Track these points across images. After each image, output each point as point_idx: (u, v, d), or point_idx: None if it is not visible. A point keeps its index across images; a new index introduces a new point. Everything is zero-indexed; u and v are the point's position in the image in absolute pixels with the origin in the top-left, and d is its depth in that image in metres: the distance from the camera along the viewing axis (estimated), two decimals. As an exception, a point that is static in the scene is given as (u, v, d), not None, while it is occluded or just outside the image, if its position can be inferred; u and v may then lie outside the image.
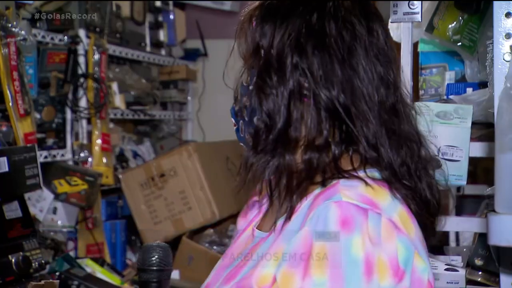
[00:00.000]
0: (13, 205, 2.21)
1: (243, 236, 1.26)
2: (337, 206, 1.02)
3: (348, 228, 1.00)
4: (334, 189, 1.06)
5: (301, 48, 1.08)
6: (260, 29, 1.13)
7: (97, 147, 2.98)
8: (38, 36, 2.67)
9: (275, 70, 1.09)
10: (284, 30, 1.09)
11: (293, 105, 1.08)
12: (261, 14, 1.14)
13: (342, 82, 1.08)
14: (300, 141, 1.10)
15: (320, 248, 1.01)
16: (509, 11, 1.11)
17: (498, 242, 1.04)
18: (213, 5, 4.14)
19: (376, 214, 1.02)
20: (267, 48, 1.11)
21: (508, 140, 1.00)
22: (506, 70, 1.10)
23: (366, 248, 1.00)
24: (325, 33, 1.08)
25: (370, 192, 1.05)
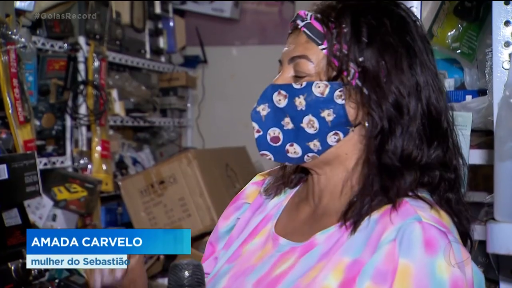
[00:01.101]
0: (12, 212, 2.21)
1: (255, 242, 1.22)
2: (421, 226, 1.03)
3: (432, 250, 1.01)
4: (407, 208, 1.06)
5: (413, 70, 1.10)
6: (357, 45, 1.10)
7: (97, 154, 2.98)
8: (38, 44, 2.68)
9: (390, 90, 1.09)
10: (392, 53, 1.10)
11: (410, 123, 1.09)
12: (355, 27, 1.11)
13: (442, 107, 1.12)
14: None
15: (405, 266, 1.01)
16: (508, 20, 1.11)
17: (497, 250, 1.04)
18: (213, 12, 4.15)
19: (454, 238, 1.05)
20: (371, 68, 1.09)
21: (508, 149, 1.00)
22: (505, 78, 1.10)
23: (452, 272, 1.00)
24: (423, 56, 1.12)
25: (437, 215, 1.07)
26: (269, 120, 1.14)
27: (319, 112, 1.10)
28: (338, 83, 1.10)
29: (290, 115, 1.12)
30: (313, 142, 1.12)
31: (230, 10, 4.12)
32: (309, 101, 1.10)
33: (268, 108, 1.14)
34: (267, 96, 1.14)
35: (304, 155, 1.14)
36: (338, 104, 1.10)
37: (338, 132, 1.11)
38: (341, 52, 1.10)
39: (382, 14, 1.12)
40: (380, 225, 1.06)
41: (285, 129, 1.13)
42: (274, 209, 1.24)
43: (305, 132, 1.12)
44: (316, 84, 1.10)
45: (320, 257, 1.09)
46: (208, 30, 4.18)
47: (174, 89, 3.88)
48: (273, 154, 1.15)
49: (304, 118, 1.11)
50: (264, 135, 1.15)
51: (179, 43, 4.04)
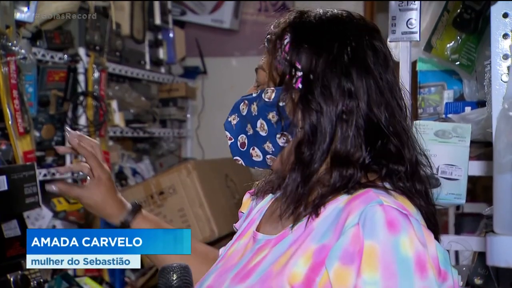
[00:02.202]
0: (12, 224, 2.20)
1: (240, 243, 1.30)
2: (382, 209, 1.08)
3: (395, 229, 1.06)
4: (370, 195, 1.12)
5: (347, 73, 1.15)
6: (296, 50, 1.18)
7: (96, 165, 2.97)
8: (38, 55, 2.68)
9: (320, 91, 1.15)
10: (326, 55, 1.16)
11: (339, 123, 1.15)
12: (295, 35, 1.19)
13: (384, 104, 1.17)
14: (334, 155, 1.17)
15: (370, 247, 1.06)
16: (507, 33, 1.12)
17: (497, 263, 1.04)
18: (213, 23, 4.17)
19: (415, 219, 1.10)
20: (306, 69, 1.16)
21: (507, 161, 1.00)
22: (504, 91, 1.10)
23: (415, 248, 1.05)
24: (366, 60, 1.17)
25: (399, 200, 1.13)
26: (237, 128, 1.25)
27: (266, 115, 1.20)
28: (283, 87, 1.18)
29: (249, 121, 1.23)
30: (266, 144, 1.21)
31: (230, 21, 4.13)
32: (260, 106, 1.20)
33: (237, 117, 1.25)
34: (236, 106, 1.25)
35: (265, 158, 1.22)
36: (280, 106, 1.18)
37: (285, 133, 1.18)
38: (283, 58, 1.18)
39: (327, 21, 1.19)
40: (345, 212, 1.12)
41: (248, 135, 1.24)
42: (257, 214, 1.33)
43: (260, 135, 1.21)
44: (266, 90, 1.20)
45: (290, 244, 1.15)
46: (207, 41, 4.19)
47: (173, 100, 3.89)
48: (243, 159, 1.26)
49: (257, 122, 1.21)
50: (235, 142, 1.26)
51: (179, 54, 4.05)
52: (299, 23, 1.20)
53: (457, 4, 1.87)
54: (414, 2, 1.73)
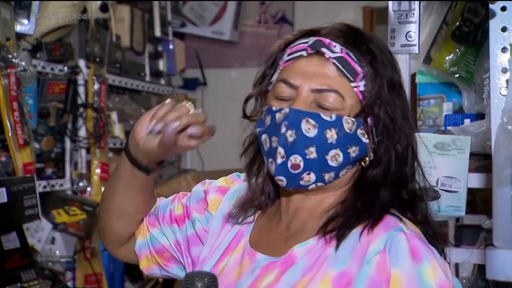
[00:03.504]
0: (11, 236, 2.21)
1: (232, 259, 1.23)
2: (406, 237, 1.07)
3: (418, 258, 1.05)
4: (388, 221, 1.11)
5: (405, 105, 1.18)
6: (377, 84, 1.14)
7: (96, 177, 2.98)
8: (38, 67, 2.69)
9: (399, 128, 1.15)
10: (396, 90, 1.16)
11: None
12: (376, 67, 1.15)
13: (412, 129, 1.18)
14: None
15: (396, 276, 1.05)
16: (505, 46, 1.12)
17: (496, 276, 1.04)
18: (212, 35, 4.18)
19: (434, 248, 1.09)
20: (388, 106, 1.14)
21: (506, 175, 1.00)
22: (503, 105, 1.10)
23: (438, 277, 1.05)
24: (401, 86, 1.18)
25: (414, 228, 1.12)
26: (294, 147, 1.12)
27: (347, 148, 1.12)
28: (361, 121, 1.13)
29: (316, 145, 1.12)
30: (329, 174, 1.14)
31: (230, 33, 4.15)
32: (340, 135, 1.12)
33: (295, 135, 1.12)
34: (294, 122, 1.12)
35: (313, 184, 1.15)
36: (363, 142, 1.13)
37: (351, 166, 1.15)
38: (370, 93, 1.13)
39: (385, 52, 1.18)
40: (364, 238, 1.09)
41: (307, 158, 1.12)
42: (244, 226, 1.25)
43: (327, 164, 1.13)
44: (346, 120, 1.12)
45: (304, 272, 1.11)
46: (207, 52, 4.21)
47: (173, 111, 3.88)
48: (287, 180, 1.14)
49: (331, 151, 1.12)
50: (286, 161, 1.13)
51: (178, 66, 4.06)
52: (372, 50, 1.15)
53: (456, 16, 1.88)
54: (413, 14, 1.74)
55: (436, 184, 1.69)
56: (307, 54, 1.14)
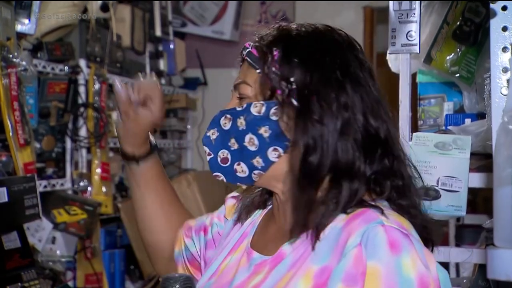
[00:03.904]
0: (12, 236, 2.21)
1: (233, 258, 1.28)
2: (384, 229, 1.08)
3: (397, 250, 1.06)
4: (369, 214, 1.11)
5: (342, 86, 1.16)
6: (287, 65, 1.17)
7: (97, 176, 2.98)
8: (38, 66, 2.69)
9: (319, 106, 1.15)
10: (320, 69, 1.17)
11: (339, 137, 1.15)
12: (286, 50, 1.18)
13: (379, 115, 1.18)
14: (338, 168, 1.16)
15: (373, 269, 1.05)
16: (506, 46, 1.12)
17: (497, 276, 1.03)
18: (213, 34, 4.18)
19: (416, 239, 1.10)
20: (301, 84, 1.16)
21: (506, 175, 1.00)
22: (504, 104, 1.10)
23: (418, 269, 1.05)
24: (356, 73, 1.19)
25: (398, 219, 1.12)
26: (218, 143, 1.22)
27: (256, 129, 1.18)
28: (274, 101, 1.17)
29: (234, 136, 1.20)
30: (255, 159, 1.19)
31: (230, 32, 4.15)
32: (248, 120, 1.18)
33: (217, 132, 1.22)
34: (215, 121, 1.23)
35: (251, 173, 1.20)
36: (273, 120, 1.17)
37: (277, 147, 1.17)
38: (274, 73, 1.17)
39: (314, 36, 1.21)
40: (345, 232, 1.11)
41: (232, 150, 1.21)
42: (250, 227, 1.31)
43: (248, 150, 1.19)
44: (254, 104, 1.18)
45: (289, 267, 1.15)
46: (208, 52, 4.21)
47: (174, 111, 3.89)
48: (224, 175, 1.23)
49: (245, 136, 1.19)
50: (215, 157, 1.22)
51: (179, 65, 4.06)
52: (287, 37, 1.20)
53: (457, 16, 1.88)
54: (414, 14, 1.74)
55: (436, 183, 1.69)
56: (241, 62, 1.26)
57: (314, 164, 1.14)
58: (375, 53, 4.15)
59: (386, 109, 1.20)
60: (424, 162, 1.71)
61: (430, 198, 1.69)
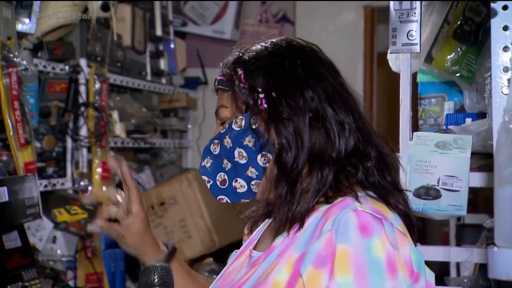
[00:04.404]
0: (12, 235, 2.21)
1: (237, 262, 1.35)
2: (355, 214, 1.13)
3: (367, 233, 1.11)
4: (346, 202, 1.17)
5: (305, 82, 1.24)
6: (251, 77, 1.25)
7: (97, 176, 2.98)
8: (39, 66, 2.69)
9: (286, 104, 1.22)
10: (281, 72, 1.25)
11: (310, 129, 1.22)
12: (247, 66, 1.27)
13: (344, 104, 1.25)
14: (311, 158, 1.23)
15: (343, 251, 1.10)
16: (507, 45, 1.12)
17: (498, 276, 1.04)
18: (213, 34, 4.18)
19: (389, 223, 1.15)
20: (267, 90, 1.24)
21: (507, 174, 1.00)
22: (504, 103, 1.10)
23: (386, 250, 1.10)
24: (317, 68, 1.27)
25: (374, 205, 1.18)
26: (213, 169, 1.29)
27: (242, 142, 1.25)
28: (249, 113, 1.25)
29: (225, 156, 1.27)
30: (249, 170, 1.26)
31: (231, 32, 4.14)
32: (233, 137, 1.26)
33: (210, 159, 1.30)
34: (207, 150, 1.30)
35: (250, 186, 1.27)
36: (254, 129, 1.24)
37: (265, 153, 1.24)
38: (242, 88, 1.25)
39: (270, 47, 1.29)
40: (323, 220, 1.17)
41: (226, 170, 1.28)
42: (256, 234, 1.39)
43: (240, 164, 1.26)
44: (234, 121, 1.26)
45: (276, 257, 1.21)
46: (208, 51, 4.20)
47: (174, 110, 3.89)
48: (227, 196, 1.29)
49: (234, 152, 1.26)
50: (214, 182, 1.30)
51: (179, 65, 4.06)
52: (246, 55, 1.29)
53: (458, 16, 1.88)
54: (414, 13, 1.74)
55: (437, 183, 1.70)
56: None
57: (289, 161, 1.21)
58: (376, 52, 4.15)
59: (354, 98, 1.28)
60: (425, 162, 1.71)
61: (430, 197, 1.70)
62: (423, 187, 1.70)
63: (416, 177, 1.71)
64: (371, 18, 4.12)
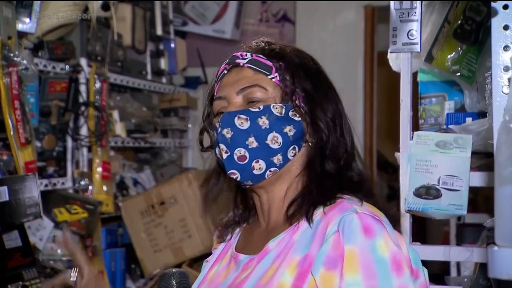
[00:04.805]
0: (13, 234, 2.21)
1: (219, 266, 1.38)
2: (358, 216, 1.19)
3: (371, 234, 1.17)
4: (344, 205, 1.24)
5: (332, 97, 1.35)
6: (294, 75, 1.32)
7: (98, 175, 2.98)
8: (39, 65, 2.69)
9: (320, 108, 1.32)
10: (312, 78, 1.34)
11: (340, 136, 1.33)
12: (289, 63, 1.33)
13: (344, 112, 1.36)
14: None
15: (350, 251, 1.16)
16: (507, 45, 1.12)
17: (498, 275, 1.04)
18: (214, 33, 4.18)
19: (387, 222, 1.23)
20: (308, 90, 1.32)
21: (507, 174, 1.00)
22: (505, 103, 1.10)
23: (390, 249, 1.17)
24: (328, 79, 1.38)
25: (369, 207, 1.25)
26: (234, 141, 1.28)
27: (282, 128, 1.28)
28: (290, 104, 1.30)
29: (254, 134, 1.27)
30: (276, 157, 1.28)
31: (231, 31, 4.14)
32: (271, 120, 1.28)
33: (231, 131, 1.28)
34: (227, 121, 1.28)
35: (267, 171, 1.28)
36: (296, 120, 1.29)
37: (296, 146, 1.29)
38: (288, 81, 1.30)
39: (298, 52, 1.38)
40: (323, 223, 1.22)
41: (250, 148, 1.27)
42: (233, 238, 1.42)
43: (270, 148, 1.27)
44: (273, 106, 1.29)
45: (274, 259, 1.24)
46: (209, 51, 4.20)
47: (175, 110, 3.89)
48: (240, 172, 1.29)
49: (269, 135, 1.27)
50: (231, 155, 1.28)
51: (180, 64, 4.06)
52: (284, 51, 1.35)
53: (458, 15, 1.88)
54: (415, 13, 1.74)
55: (437, 182, 1.70)
56: (227, 71, 1.35)
57: (317, 160, 1.29)
58: (376, 52, 4.15)
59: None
60: (425, 161, 1.71)
61: (431, 197, 1.70)
62: (423, 187, 1.70)
63: (417, 177, 1.71)
64: (372, 18, 4.12)
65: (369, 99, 4.08)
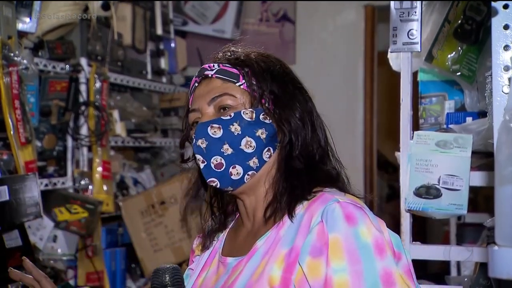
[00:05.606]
0: (13, 234, 2.21)
1: (208, 272, 1.40)
2: (340, 205, 1.24)
3: (353, 221, 1.22)
4: (325, 196, 1.29)
5: (296, 88, 1.39)
6: (261, 78, 1.36)
7: (98, 175, 2.98)
8: (40, 65, 2.69)
9: (289, 108, 1.35)
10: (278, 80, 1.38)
11: (312, 133, 1.37)
12: (255, 68, 1.37)
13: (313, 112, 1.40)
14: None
15: (334, 239, 1.21)
16: (507, 44, 1.12)
17: (499, 275, 1.04)
18: (214, 33, 4.18)
19: (368, 210, 1.27)
20: (276, 92, 1.36)
21: (508, 173, 1.00)
22: (505, 102, 1.10)
23: (373, 234, 1.21)
24: (296, 77, 1.42)
25: (351, 197, 1.30)
26: (209, 150, 1.32)
27: (254, 132, 1.32)
28: (260, 108, 1.34)
29: (228, 141, 1.32)
30: (252, 160, 1.32)
31: (231, 31, 4.14)
32: (243, 125, 1.32)
33: (206, 141, 1.32)
34: (201, 132, 1.33)
35: (245, 175, 1.33)
36: (267, 123, 1.34)
37: (270, 148, 1.34)
38: (255, 85, 1.35)
39: (267, 55, 1.42)
40: (307, 215, 1.27)
41: (225, 155, 1.32)
42: (218, 243, 1.44)
43: (245, 153, 1.32)
44: (244, 112, 1.33)
45: (262, 256, 1.29)
46: (209, 51, 4.17)
47: (175, 110, 3.89)
48: (219, 179, 1.33)
49: (242, 140, 1.32)
50: (208, 164, 1.32)
51: (180, 64, 4.06)
52: (249, 57, 1.39)
53: (458, 15, 1.88)
54: (415, 12, 1.74)
55: (438, 182, 1.70)
56: (197, 83, 1.40)
57: (293, 158, 1.33)
58: (376, 51, 4.15)
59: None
60: (425, 161, 1.71)
61: (431, 196, 1.70)
62: (423, 186, 1.70)
63: (417, 176, 1.71)
64: (372, 17, 4.12)
65: (369, 99, 4.08)
